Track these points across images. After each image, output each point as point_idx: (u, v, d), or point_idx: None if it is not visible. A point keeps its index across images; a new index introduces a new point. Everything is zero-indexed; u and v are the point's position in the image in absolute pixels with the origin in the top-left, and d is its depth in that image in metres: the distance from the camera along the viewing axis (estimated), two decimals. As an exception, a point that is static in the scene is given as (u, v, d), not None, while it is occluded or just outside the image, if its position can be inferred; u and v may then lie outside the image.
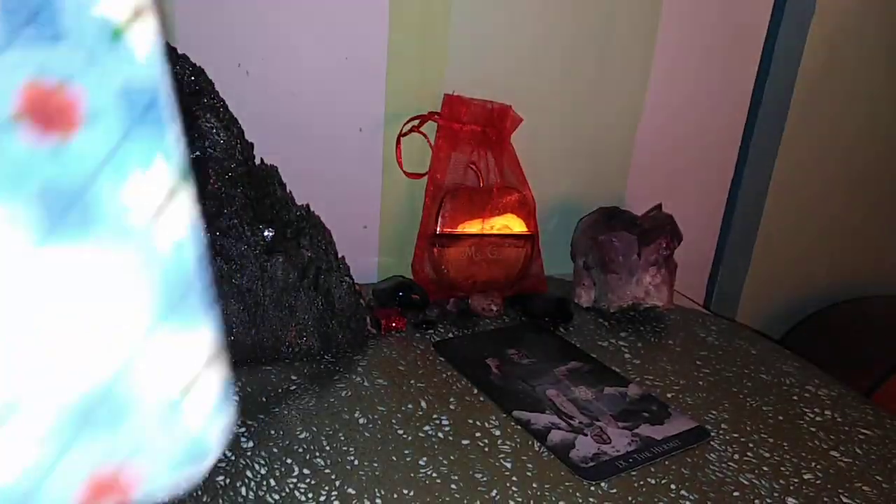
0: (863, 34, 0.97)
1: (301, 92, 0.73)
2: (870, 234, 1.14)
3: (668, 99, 0.90)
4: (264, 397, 0.57)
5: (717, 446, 0.55)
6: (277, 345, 0.62)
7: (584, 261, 0.81)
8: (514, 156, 0.80)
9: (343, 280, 0.64)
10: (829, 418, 0.60)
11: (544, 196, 0.86)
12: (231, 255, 0.59)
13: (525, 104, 0.80)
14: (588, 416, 0.57)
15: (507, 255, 0.79)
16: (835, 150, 1.04)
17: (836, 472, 0.52)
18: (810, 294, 1.15)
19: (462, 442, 0.53)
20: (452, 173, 0.78)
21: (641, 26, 0.85)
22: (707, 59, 0.90)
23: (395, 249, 0.83)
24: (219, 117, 0.61)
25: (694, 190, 0.98)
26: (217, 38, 0.68)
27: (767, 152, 0.99)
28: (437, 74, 0.77)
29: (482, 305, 0.75)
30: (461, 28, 0.76)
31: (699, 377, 0.66)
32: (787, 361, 0.70)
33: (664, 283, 0.78)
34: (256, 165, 0.65)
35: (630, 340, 0.72)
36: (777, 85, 0.94)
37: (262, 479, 0.47)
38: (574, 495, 0.48)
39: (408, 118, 0.77)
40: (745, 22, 0.90)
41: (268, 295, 0.61)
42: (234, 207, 0.59)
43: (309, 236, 0.63)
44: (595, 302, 0.80)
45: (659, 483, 0.50)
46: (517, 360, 0.65)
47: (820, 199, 1.07)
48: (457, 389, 0.60)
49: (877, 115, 1.05)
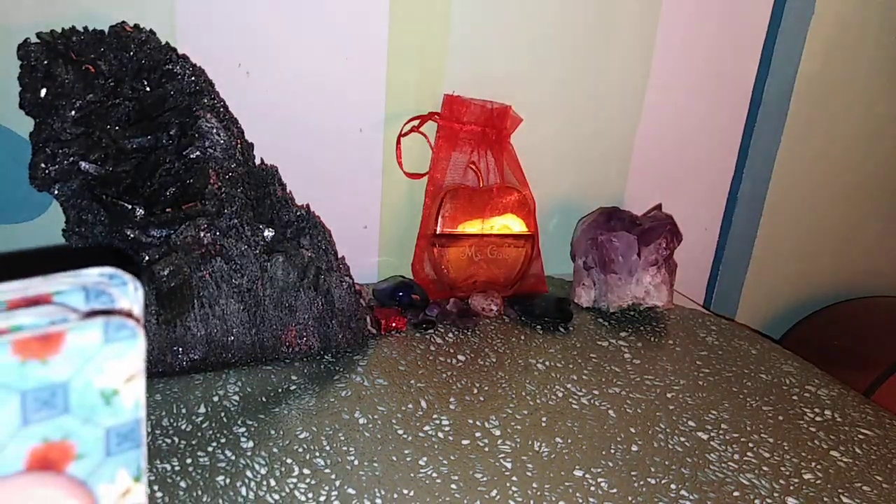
0: (863, 34, 0.97)
1: (301, 92, 0.73)
2: (870, 234, 1.14)
3: (668, 99, 0.90)
4: (264, 397, 0.57)
5: (717, 446, 0.55)
6: (277, 345, 0.62)
7: (584, 261, 0.81)
8: (514, 156, 0.80)
9: (343, 280, 0.64)
10: (829, 418, 0.60)
11: (544, 196, 0.86)
12: (231, 255, 0.59)
13: (525, 104, 0.80)
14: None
15: (507, 255, 0.79)
16: (835, 150, 1.04)
17: (836, 472, 0.52)
18: (810, 294, 1.15)
19: (462, 442, 0.53)
20: (452, 173, 0.78)
21: (641, 26, 0.85)
22: (707, 60, 0.90)
23: (395, 249, 0.83)
24: (219, 117, 0.61)
25: (694, 190, 0.98)
26: (217, 38, 0.68)
27: (767, 152, 0.99)
28: (437, 75, 0.77)
29: (482, 305, 0.75)
30: (461, 28, 0.76)
31: (699, 377, 0.66)
32: (787, 361, 0.70)
33: (664, 283, 0.78)
34: (256, 165, 0.65)
35: (630, 340, 0.72)
36: (777, 85, 0.95)
37: (262, 479, 0.47)
38: (574, 495, 0.48)
39: (408, 118, 0.77)
40: (744, 22, 0.90)
41: (268, 295, 0.61)
42: (234, 207, 0.59)
43: (309, 236, 0.63)
44: (595, 302, 0.80)
45: (659, 483, 0.50)
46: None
47: (820, 199, 1.07)
48: (457, 389, 0.60)
49: (876, 116, 1.05)
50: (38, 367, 0.22)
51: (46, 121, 0.57)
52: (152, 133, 0.59)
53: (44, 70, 0.57)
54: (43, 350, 0.21)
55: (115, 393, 0.23)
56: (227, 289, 0.59)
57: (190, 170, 0.58)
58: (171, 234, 0.57)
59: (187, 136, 0.59)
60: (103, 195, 0.57)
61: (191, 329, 0.59)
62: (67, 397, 0.22)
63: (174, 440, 0.51)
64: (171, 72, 0.60)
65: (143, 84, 0.60)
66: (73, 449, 0.23)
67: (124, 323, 0.23)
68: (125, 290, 0.26)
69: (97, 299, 0.25)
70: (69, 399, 0.23)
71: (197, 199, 0.57)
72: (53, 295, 0.24)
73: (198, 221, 0.57)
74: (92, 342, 0.22)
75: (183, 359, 0.59)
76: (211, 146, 0.59)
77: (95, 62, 0.59)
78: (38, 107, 0.57)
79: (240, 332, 0.60)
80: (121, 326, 0.23)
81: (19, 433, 0.22)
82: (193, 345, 0.59)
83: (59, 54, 0.57)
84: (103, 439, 0.24)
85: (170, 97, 0.60)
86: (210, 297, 0.59)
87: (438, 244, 0.76)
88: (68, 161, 0.57)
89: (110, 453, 0.24)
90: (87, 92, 0.58)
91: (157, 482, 0.46)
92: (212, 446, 0.50)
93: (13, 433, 0.22)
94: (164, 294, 0.57)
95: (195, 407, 0.55)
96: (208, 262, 0.58)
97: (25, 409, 0.22)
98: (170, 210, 0.57)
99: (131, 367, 0.24)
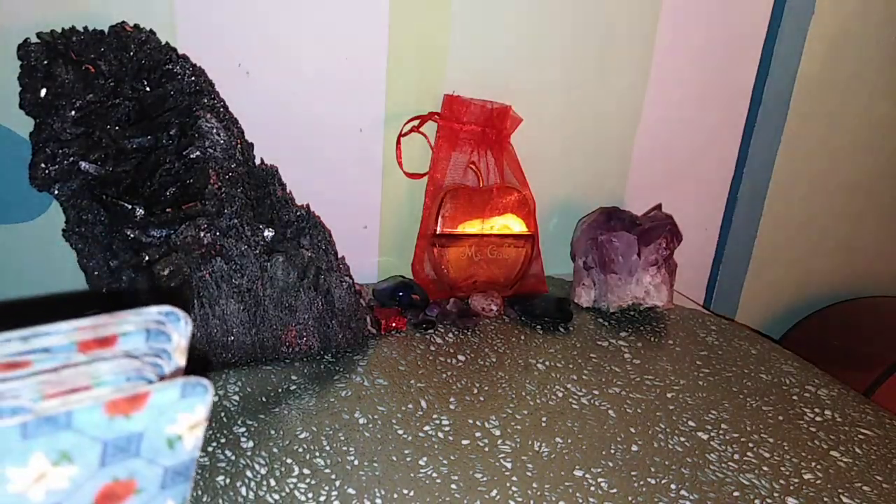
0: (862, 35, 0.97)
1: (301, 92, 0.73)
2: (870, 235, 1.14)
3: (667, 99, 0.90)
4: (264, 397, 0.57)
5: (717, 446, 0.55)
6: (277, 345, 0.62)
7: (584, 261, 0.81)
8: (514, 156, 0.80)
9: (343, 280, 0.64)
10: (829, 418, 0.60)
11: (544, 196, 0.86)
12: (231, 255, 0.59)
13: (525, 104, 0.80)
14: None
15: (507, 255, 0.79)
16: (835, 150, 1.04)
17: (836, 472, 0.52)
18: (810, 294, 1.15)
19: (462, 442, 0.53)
20: (452, 173, 0.78)
21: (641, 27, 0.85)
22: (707, 60, 0.90)
23: (395, 249, 0.83)
24: (219, 117, 0.61)
25: (694, 190, 0.98)
26: (217, 38, 0.68)
27: (767, 152, 0.99)
28: (437, 74, 0.77)
29: (482, 305, 0.75)
30: (461, 28, 0.76)
31: (699, 377, 0.66)
32: (787, 361, 0.70)
33: (664, 283, 0.78)
34: (257, 165, 0.65)
35: (630, 340, 0.72)
36: (777, 85, 0.95)
37: (262, 479, 0.47)
38: (574, 495, 0.48)
39: (408, 118, 0.77)
40: (744, 22, 0.90)
41: (268, 295, 0.61)
42: (234, 207, 0.59)
43: (309, 236, 0.63)
44: (595, 302, 0.80)
45: (659, 483, 0.50)
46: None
47: (819, 198, 1.07)
48: (457, 389, 0.60)
49: (876, 116, 1.05)
50: (123, 422, 0.24)
51: (46, 121, 0.57)
52: (152, 133, 0.59)
53: (44, 70, 0.57)
54: (129, 408, 0.24)
55: (179, 438, 0.26)
56: (227, 289, 0.59)
57: (190, 170, 0.58)
58: (171, 234, 0.57)
59: (187, 136, 0.59)
60: (103, 195, 0.57)
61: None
62: (140, 444, 0.25)
63: (174, 440, 0.50)
64: (171, 72, 0.60)
65: (143, 84, 0.60)
66: (135, 485, 0.25)
67: (200, 381, 0.26)
68: (178, 325, 0.28)
69: (156, 339, 0.28)
70: (141, 445, 0.25)
71: (197, 199, 0.57)
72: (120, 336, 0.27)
73: (198, 221, 0.57)
74: (171, 399, 0.25)
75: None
76: (211, 146, 0.59)
77: (95, 62, 0.59)
78: (38, 107, 0.57)
79: (240, 332, 0.60)
80: (196, 385, 0.26)
81: (96, 474, 0.24)
82: (193, 345, 0.59)
83: (59, 54, 0.57)
84: (161, 476, 0.26)
85: (170, 97, 0.60)
86: (210, 297, 0.59)
87: (438, 244, 0.76)
88: (68, 161, 0.57)
89: (164, 487, 0.26)
90: (87, 92, 0.58)
91: (157, 482, 0.46)
92: (212, 446, 0.50)
93: (91, 475, 0.24)
94: (164, 294, 0.57)
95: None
96: (208, 262, 0.58)
97: (105, 454, 0.24)
98: (170, 210, 0.57)
99: (198, 417, 0.26)
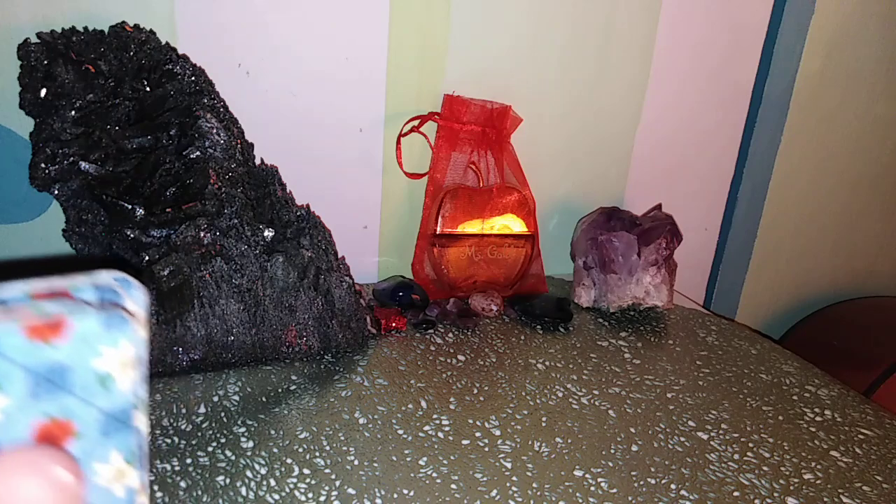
0: (862, 34, 0.97)
1: (301, 92, 0.73)
2: (870, 234, 1.14)
3: (667, 99, 0.90)
4: (264, 397, 0.57)
5: (717, 446, 0.55)
6: (277, 345, 0.62)
7: (584, 261, 0.81)
8: (514, 156, 0.80)
9: (343, 280, 0.64)
10: (829, 418, 0.60)
11: (544, 196, 0.86)
12: (231, 255, 0.59)
13: (525, 104, 0.80)
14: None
15: (507, 255, 0.79)
16: (835, 150, 1.04)
17: (836, 472, 0.52)
18: (810, 294, 1.15)
19: (462, 442, 0.53)
20: (452, 173, 0.78)
21: (641, 27, 0.85)
22: (707, 60, 0.90)
23: (395, 249, 0.83)
24: (219, 117, 0.61)
25: (694, 190, 0.98)
26: (217, 38, 0.68)
27: (767, 152, 0.99)
28: (437, 74, 0.77)
29: (482, 305, 0.75)
30: (461, 28, 0.76)
31: (699, 377, 0.66)
32: (787, 361, 0.70)
33: (664, 283, 0.78)
34: (256, 165, 0.65)
35: (630, 340, 0.72)
36: (777, 85, 0.95)
37: (262, 479, 0.47)
38: (574, 495, 0.48)
39: (408, 118, 0.77)
40: (744, 22, 0.90)
41: (268, 295, 0.61)
42: (234, 207, 0.59)
43: (309, 236, 0.63)
44: (595, 302, 0.80)
45: (659, 483, 0.50)
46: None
47: (819, 198, 1.07)
48: (457, 389, 0.60)
49: (876, 116, 1.05)
50: (46, 349, 0.25)
51: (46, 121, 0.57)
52: (152, 133, 0.59)
53: (44, 70, 0.57)
54: (50, 333, 0.25)
55: (111, 377, 0.26)
56: (227, 289, 0.59)
57: (190, 170, 0.58)
58: (171, 234, 0.57)
59: (187, 136, 0.59)
60: (103, 195, 0.57)
61: (191, 329, 0.59)
62: (68, 377, 0.25)
63: (174, 440, 0.51)
64: (171, 72, 0.60)
65: (143, 84, 0.60)
66: (72, 426, 0.26)
67: (120, 314, 0.26)
68: (131, 292, 0.29)
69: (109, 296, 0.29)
70: (70, 379, 0.25)
71: (197, 199, 0.57)
72: (71, 290, 0.28)
73: (198, 221, 0.57)
74: (92, 328, 0.26)
75: (183, 359, 0.59)
76: (211, 146, 0.59)
77: (95, 62, 0.59)
78: (38, 107, 0.57)
79: (240, 332, 0.60)
80: (117, 316, 0.26)
81: (28, 406, 0.25)
82: (193, 345, 0.59)
83: (59, 54, 0.57)
84: (100, 421, 0.26)
85: (170, 97, 0.60)
86: (210, 297, 0.59)
87: (438, 244, 0.76)
88: (68, 161, 0.57)
89: (106, 434, 0.27)
90: (87, 92, 0.58)
91: (157, 482, 0.46)
92: (212, 446, 0.50)
93: (22, 406, 0.25)
94: (164, 294, 0.57)
95: (195, 407, 0.55)
96: (208, 262, 0.58)
97: (33, 384, 0.25)
98: (170, 210, 0.57)
99: (125, 354, 0.27)
